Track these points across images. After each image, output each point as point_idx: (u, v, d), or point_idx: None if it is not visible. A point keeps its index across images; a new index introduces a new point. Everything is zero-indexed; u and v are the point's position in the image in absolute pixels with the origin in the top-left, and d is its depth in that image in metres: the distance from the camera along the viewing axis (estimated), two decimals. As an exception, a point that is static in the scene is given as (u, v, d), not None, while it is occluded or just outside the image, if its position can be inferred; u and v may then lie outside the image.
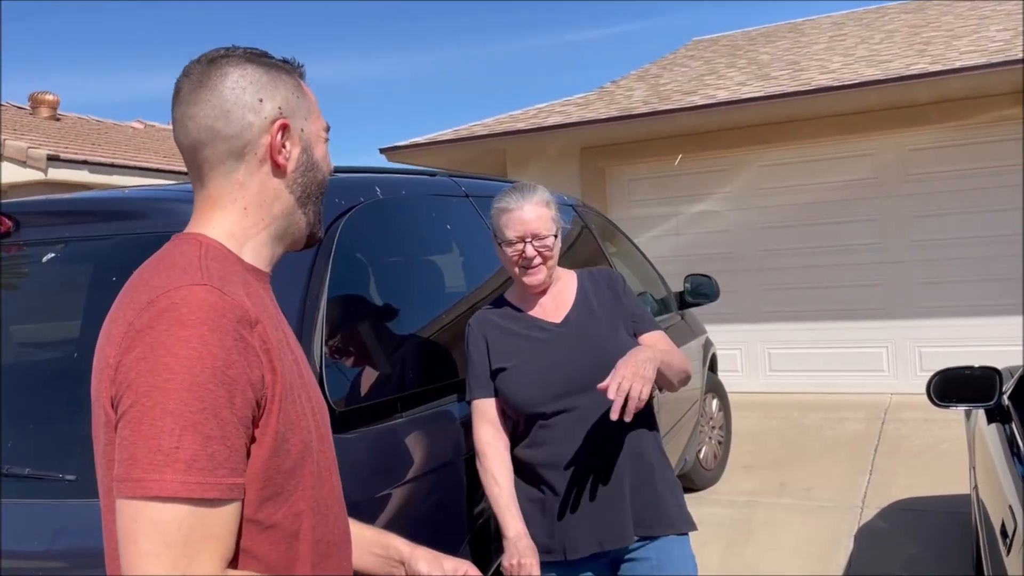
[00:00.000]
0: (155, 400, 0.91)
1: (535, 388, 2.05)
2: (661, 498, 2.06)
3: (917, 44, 7.46)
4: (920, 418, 6.15)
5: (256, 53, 1.13)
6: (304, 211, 1.15)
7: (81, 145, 9.56)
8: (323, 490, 1.10)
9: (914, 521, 4.29)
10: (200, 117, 1.09)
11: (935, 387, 2.72)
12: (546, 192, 2.13)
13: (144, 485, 0.90)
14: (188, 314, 0.94)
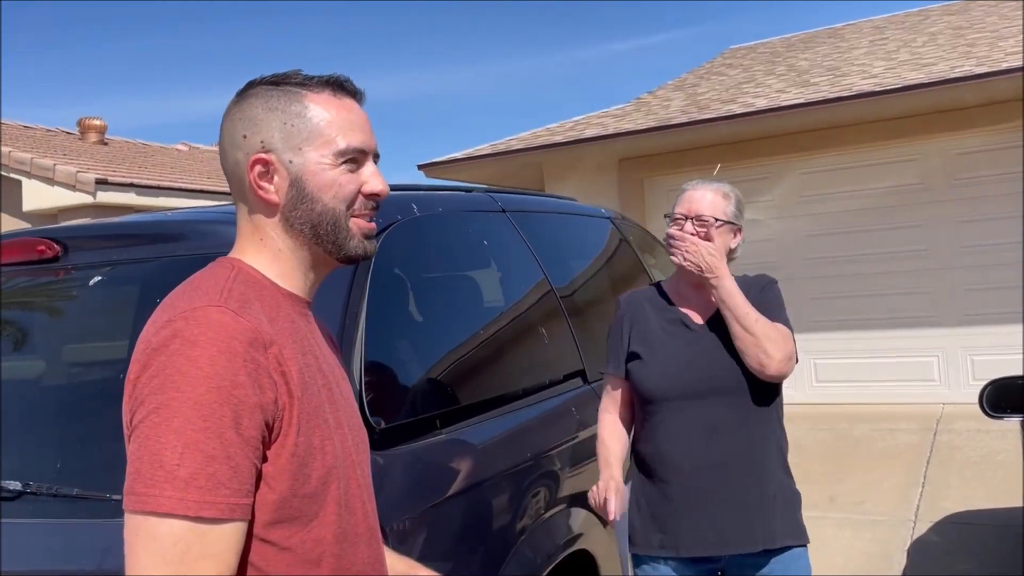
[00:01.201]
0: (162, 417, 0.93)
1: (664, 382, 2.07)
2: (782, 508, 2.05)
3: (961, 46, 7.31)
4: (973, 428, 5.99)
5: (277, 78, 1.11)
6: (317, 242, 1.11)
7: (128, 168, 9.80)
8: (352, 519, 1.09)
9: (968, 535, 4.17)
10: (220, 152, 1.15)
11: (987, 397, 2.65)
12: (734, 189, 2.18)
13: (144, 500, 0.92)
14: (199, 335, 0.96)
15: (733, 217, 2.14)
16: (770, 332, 2.01)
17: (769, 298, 2.13)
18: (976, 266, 6.89)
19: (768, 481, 2.05)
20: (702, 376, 2.05)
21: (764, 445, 2.06)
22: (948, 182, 7.01)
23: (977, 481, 4.96)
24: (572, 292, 3.08)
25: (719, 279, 2.02)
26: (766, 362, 1.98)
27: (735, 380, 2.00)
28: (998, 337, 6.78)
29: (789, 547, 2.05)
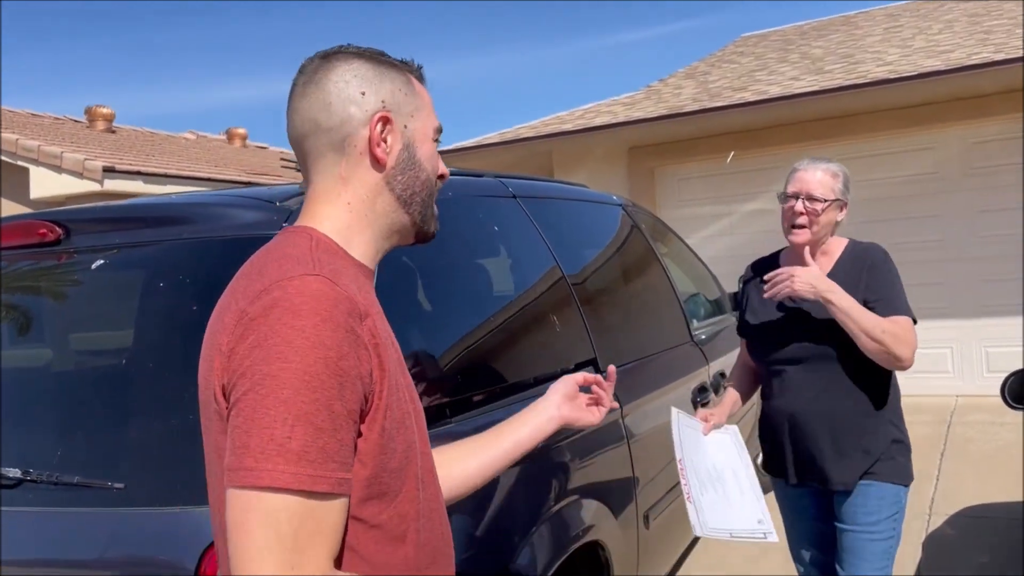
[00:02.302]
0: (269, 389, 0.90)
1: (765, 349, 2.39)
2: (869, 455, 2.28)
3: (978, 33, 7.21)
4: (988, 421, 5.92)
5: (370, 50, 1.14)
6: (407, 210, 1.13)
7: (136, 156, 9.77)
8: (427, 493, 1.09)
9: (984, 529, 4.11)
10: (304, 110, 1.10)
11: (1010, 388, 2.60)
12: (841, 167, 2.34)
13: (257, 474, 0.89)
14: (302, 304, 0.94)
15: (841, 194, 2.30)
16: (894, 335, 2.18)
17: (881, 281, 2.27)
18: (992, 257, 6.81)
19: (856, 433, 2.28)
20: (797, 345, 2.30)
21: (854, 401, 2.28)
22: (964, 171, 6.92)
23: (992, 474, 4.89)
24: (584, 279, 3.03)
25: (832, 293, 2.18)
26: (898, 364, 2.23)
27: (827, 349, 2.25)
28: (1013, 329, 6.70)
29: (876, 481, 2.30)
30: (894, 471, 2.32)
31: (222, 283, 1.71)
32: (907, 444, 2.37)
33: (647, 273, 3.79)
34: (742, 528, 2.12)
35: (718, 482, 2.24)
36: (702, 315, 4.28)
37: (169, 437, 1.56)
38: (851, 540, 2.31)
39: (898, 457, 2.33)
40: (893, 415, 2.36)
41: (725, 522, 2.12)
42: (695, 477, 2.20)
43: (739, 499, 2.21)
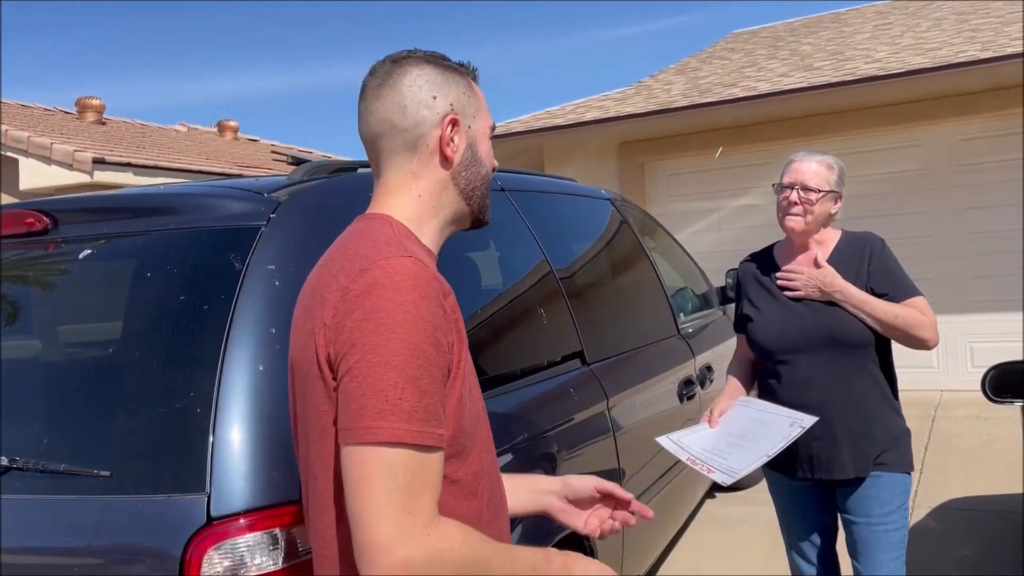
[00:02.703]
0: (380, 357, 1.01)
1: (769, 341, 2.38)
2: (876, 443, 2.29)
3: (966, 31, 7.25)
4: (972, 415, 5.97)
5: (435, 55, 1.25)
6: (469, 202, 1.26)
7: (126, 148, 9.73)
8: (489, 456, 1.22)
9: (967, 522, 4.15)
10: (380, 111, 1.21)
11: (991, 382, 2.63)
12: (836, 160, 2.38)
13: (375, 431, 1.00)
14: (401, 282, 1.05)
15: (835, 186, 2.34)
16: (912, 319, 2.22)
17: (885, 269, 2.31)
18: (978, 253, 6.86)
19: (864, 420, 2.29)
20: (798, 335, 2.32)
21: (861, 388, 2.29)
22: (951, 168, 6.97)
23: (976, 468, 4.95)
24: (572, 273, 3.05)
25: (843, 292, 2.25)
26: (922, 345, 2.27)
27: (827, 337, 2.27)
28: (997, 325, 6.76)
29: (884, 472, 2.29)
30: (902, 459, 2.32)
31: (210, 273, 1.73)
32: (909, 431, 2.38)
33: (635, 267, 3.82)
34: (775, 445, 2.10)
35: (743, 438, 2.21)
36: (689, 309, 4.31)
37: (156, 425, 1.57)
38: (867, 533, 2.29)
39: (904, 444, 2.34)
40: (898, 404, 2.39)
41: (755, 456, 2.11)
42: (711, 455, 2.18)
43: (765, 430, 2.18)
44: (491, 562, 1.08)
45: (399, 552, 0.98)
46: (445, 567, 1.01)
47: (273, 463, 1.52)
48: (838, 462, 2.29)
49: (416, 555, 0.99)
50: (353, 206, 2.04)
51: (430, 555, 1.00)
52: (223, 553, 1.44)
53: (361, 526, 1.00)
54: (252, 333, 1.62)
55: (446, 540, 1.02)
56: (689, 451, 2.23)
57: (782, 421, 2.18)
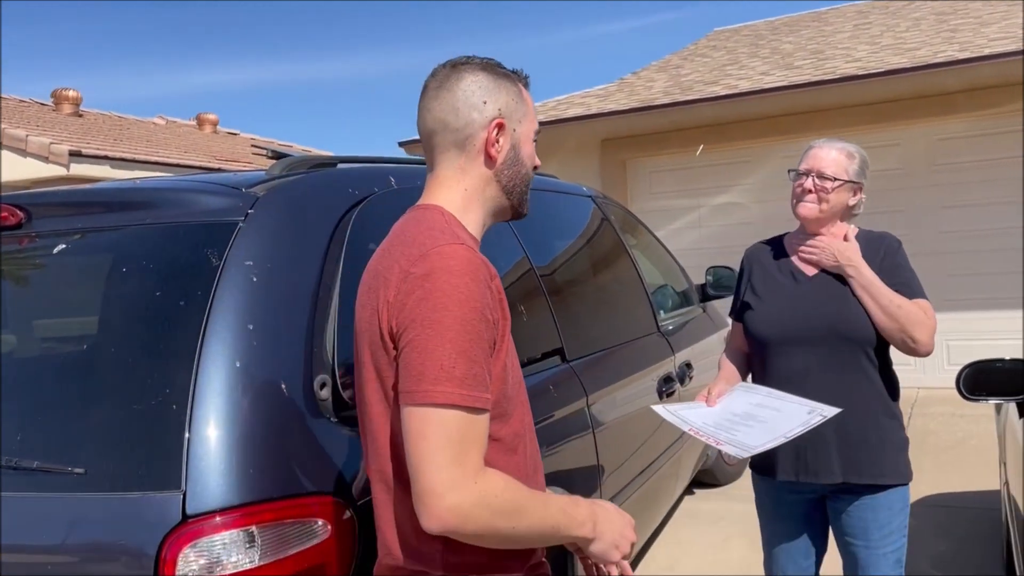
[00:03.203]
0: (437, 331, 1.17)
1: (765, 329, 2.26)
2: (870, 449, 2.15)
3: (944, 31, 7.32)
4: (948, 412, 6.04)
5: (491, 63, 1.39)
6: (509, 197, 1.40)
7: (103, 141, 9.62)
8: (527, 419, 1.39)
9: (943, 518, 4.20)
10: (436, 111, 1.35)
11: (965, 380, 2.65)
12: (859, 148, 2.25)
13: (432, 394, 1.16)
14: (456, 266, 1.20)
15: (855, 176, 2.22)
16: (913, 315, 2.11)
17: (899, 263, 2.21)
18: (956, 252, 6.94)
19: (859, 422, 2.14)
20: (799, 326, 2.20)
21: (859, 389, 2.16)
22: (929, 168, 7.04)
23: (952, 465, 5.00)
24: (552, 271, 3.05)
25: (856, 268, 2.15)
26: (913, 347, 2.12)
27: (829, 330, 2.16)
28: (973, 323, 6.84)
29: (882, 485, 2.15)
30: (898, 470, 2.18)
31: (187, 269, 1.71)
32: (907, 440, 2.25)
33: (615, 264, 3.82)
34: (792, 428, 1.96)
35: (750, 419, 2.07)
36: (669, 306, 4.32)
37: (131, 422, 1.56)
38: (865, 556, 2.18)
39: (902, 455, 2.20)
40: (898, 411, 2.25)
41: (772, 435, 1.97)
42: (716, 429, 2.05)
43: (778, 415, 2.05)
44: (528, 506, 1.23)
45: (450, 497, 1.14)
46: (490, 510, 1.17)
47: (250, 460, 1.51)
48: (826, 466, 2.16)
49: (464, 500, 1.15)
50: (331, 201, 2.03)
51: (476, 500, 1.16)
52: (199, 551, 1.43)
53: (418, 475, 1.16)
54: (229, 329, 1.60)
55: (490, 487, 1.18)
56: (690, 423, 2.11)
57: (799, 408, 2.05)
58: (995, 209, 6.78)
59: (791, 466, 2.21)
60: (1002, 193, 6.74)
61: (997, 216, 6.77)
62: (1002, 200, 6.75)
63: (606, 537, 1.35)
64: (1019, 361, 2.61)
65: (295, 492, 1.55)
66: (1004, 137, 6.72)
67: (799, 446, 2.15)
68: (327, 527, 1.56)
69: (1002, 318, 6.74)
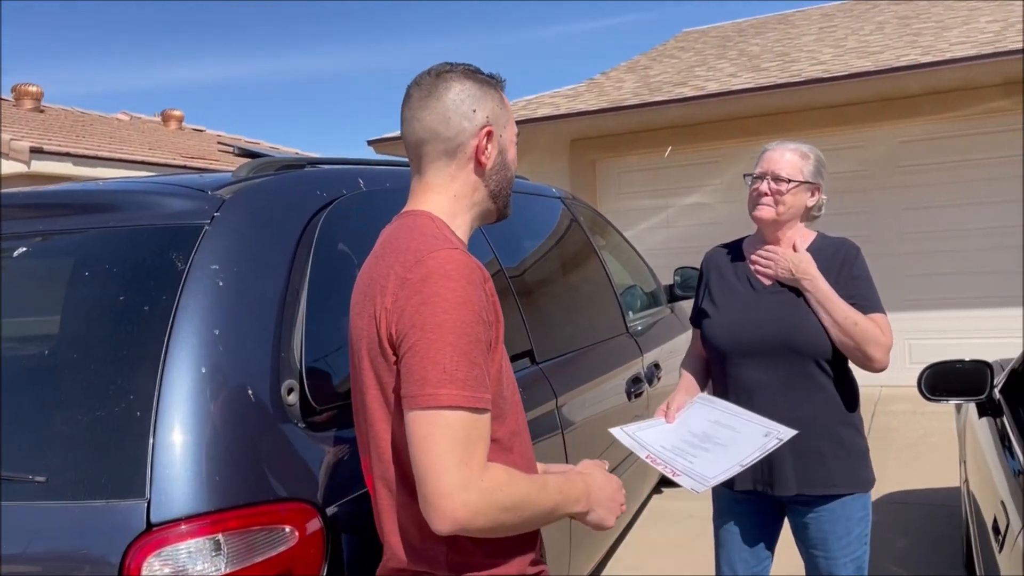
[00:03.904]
0: (438, 335, 1.19)
1: (722, 340, 2.24)
2: (825, 461, 2.14)
3: (907, 35, 7.44)
4: (910, 411, 6.15)
5: (472, 69, 1.41)
6: (495, 201, 1.44)
7: (65, 137, 9.45)
8: (521, 418, 1.42)
9: (904, 514, 4.28)
10: (427, 120, 1.37)
11: (926, 381, 2.69)
12: (814, 149, 2.24)
13: (437, 398, 1.18)
14: (452, 270, 1.22)
15: (811, 176, 2.20)
16: (869, 333, 2.08)
17: (857, 275, 2.17)
18: (916, 252, 7.06)
19: (814, 435, 2.12)
20: (753, 337, 2.18)
21: (812, 401, 2.14)
22: (892, 170, 7.15)
23: (913, 462, 5.09)
24: (522, 272, 3.05)
25: (812, 281, 2.12)
26: (868, 364, 2.10)
27: (784, 343, 2.14)
28: (934, 322, 6.97)
29: (837, 495, 2.15)
30: (856, 478, 2.17)
31: (151, 273, 1.69)
32: (867, 449, 2.23)
33: (584, 265, 3.84)
34: (749, 454, 1.95)
35: (707, 441, 2.05)
36: (638, 307, 4.35)
37: (94, 429, 1.53)
38: (826, 566, 2.18)
39: (861, 463, 2.19)
40: (858, 420, 2.23)
41: (728, 463, 1.94)
42: (673, 455, 2.02)
43: (735, 436, 2.03)
44: (530, 495, 1.27)
45: (460, 496, 1.17)
46: (497, 505, 1.21)
47: (216, 467, 1.49)
48: (781, 478, 2.15)
49: (474, 498, 1.18)
50: (299, 204, 2.02)
51: (484, 496, 1.19)
52: (164, 559, 1.41)
53: (427, 478, 1.18)
54: (195, 334, 1.58)
55: (496, 481, 1.21)
56: (648, 448, 2.06)
57: (755, 430, 2.02)
58: (955, 211, 6.91)
59: (749, 477, 2.18)
60: (962, 195, 6.87)
61: (957, 218, 6.90)
62: (962, 202, 6.88)
63: (600, 507, 1.42)
64: (978, 362, 2.67)
65: (262, 499, 1.53)
66: (964, 140, 6.85)
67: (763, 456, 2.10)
68: (295, 533, 1.55)
69: (962, 317, 6.88)
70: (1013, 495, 2.05)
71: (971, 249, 6.86)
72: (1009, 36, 6.40)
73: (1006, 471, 2.24)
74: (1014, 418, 2.45)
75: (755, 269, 2.23)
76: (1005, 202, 6.74)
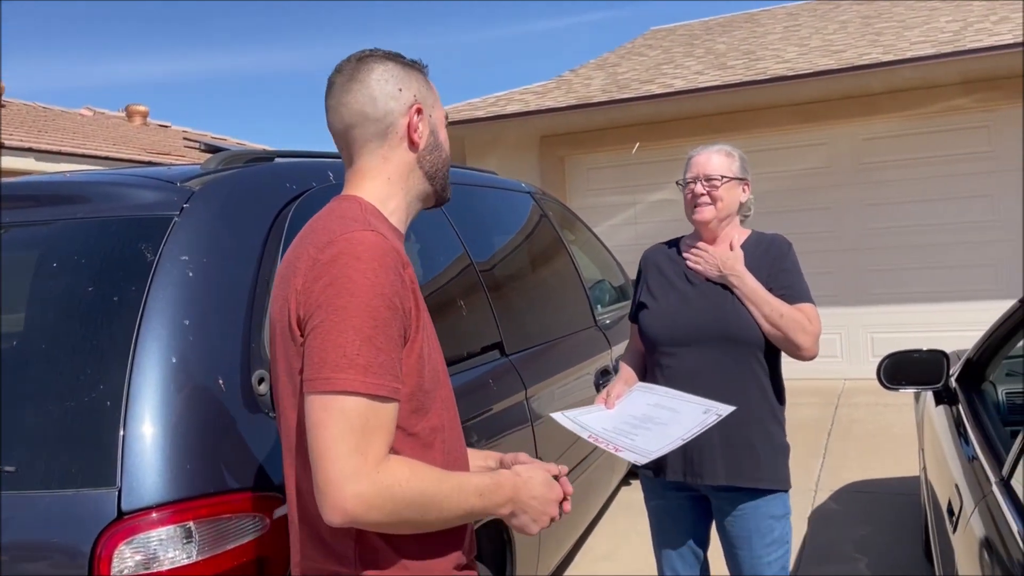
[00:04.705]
0: (341, 317, 1.14)
1: (656, 330, 2.30)
2: (754, 453, 2.20)
3: (869, 35, 7.57)
4: (872, 402, 6.27)
5: (394, 53, 1.38)
6: (432, 182, 1.39)
7: (27, 132, 9.29)
8: (449, 413, 1.36)
9: (866, 503, 4.37)
10: (352, 104, 1.33)
11: (885, 370, 2.76)
12: (735, 148, 2.35)
13: (333, 382, 1.12)
14: (363, 252, 1.17)
15: (739, 172, 2.31)
16: (796, 322, 2.16)
17: (786, 267, 2.26)
18: (878, 248, 7.19)
19: (744, 425, 2.18)
20: (689, 326, 2.25)
21: (745, 392, 2.20)
22: (854, 166, 7.28)
23: (875, 452, 5.20)
24: (492, 266, 3.08)
25: (739, 278, 2.21)
26: (797, 353, 2.18)
27: (719, 332, 2.21)
28: (897, 316, 7.11)
29: (763, 490, 2.20)
30: (778, 476, 2.23)
31: (120, 264, 1.69)
32: (788, 447, 2.29)
33: (554, 260, 3.87)
34: (690, 430, 1.97)
35: (648, 422, 2.08)
36: (607, 301, 4.40)
37: (64, 419, 1.53)
38: (749, 566, 2.24)
39: (782, 461, 2.25)
40: (783, 417, 2.30)
41: (669, 438, 1.96)
42: (615, 435, 2.05)
43: (675, 416, 2.06)
44: (438, 494, 1.19)
45: (350, 487, 1.11)
46: (394, 500, 1.14)
47: (187, 456, 1.51)
48: (710, 467, 2.20)
49: (366, 490, 1.11)
50: (268, 197, 2.03)
51: (378, 490, 1.12)
52: (135, 548, 1.42)
53: (318, 466, 1.12)
54: (164, 325, 1.59)
55: (393, 475, 1.14)
56: (589, 429, 2.09)
57: (694, 408, 2.06)
58: (917, 206, 7.05)
59: (679, 467, 2.24)
60: (922, 191, 7.02)
61: (919, 213, 7.04)
62: (922, 198, 7.03)
63: (525, 514, 1.35)
64: (935, 352, 2.74)
65: (233, 487, 1.55)
66: (925, 137, 6.99)
67: (687, 447, 2.15)
68: (265, 521, 1.57)
69: (922, 311, 7.02)
70: (967, 478, 2.12)
71: (933, 244, 7.01)
72: (968, 36, 6.54)
73: (960, 457, 2.31)
74: (968, 406, 2.52)
75: (688, 266, 2.32)
76: (967, 198, 6.89)
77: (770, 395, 2.25)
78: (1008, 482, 1.78)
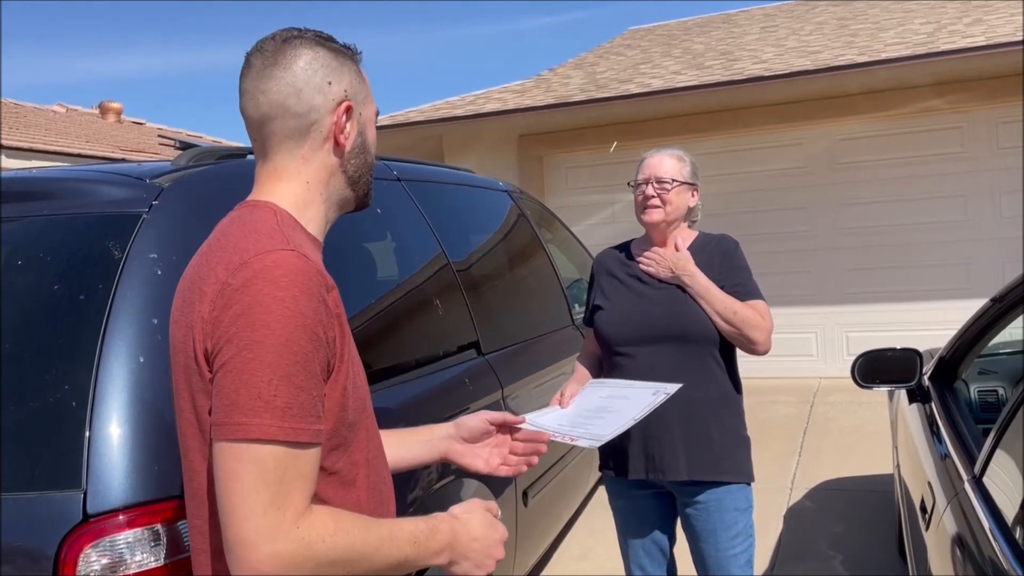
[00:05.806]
0: (255, 353, 1.00)
1: (613, 330, 2.32)
2: (714, 447, 2.24)
3: (845, 36, 7.63)
4: (847, 401, 6.32)
5: (324, 37, 1.21)
6: (354, 188, 1.24)
7: (-2, 128, 9.14)
8: (373, 442, 1.22)
9: (841, 500, 4.40)
10: (273, 93, 1.16)
11: (859, 368, 2.78)
12: (687, 153, 2.39)
13: (246, 428, 0.99)
14: (281, 276, 1.03)
15: (689, 177, 2.35)
16: (748, 319, 2.21)
17: (736, 265, 2.31)
18: (854, 247, 7.25)
19: (703, 420, 2.23)
20: (645, 325, 2.28)
21: (702, 388, 2.24)
22: (830, 167, 7.34)
23: (849, 450, 5.24)
24: (469, 265, 3.06)
25: (691, 277, 2.25)
26: (752, 348, 2.23)
27: (674, 330, 2.24)
28: (871, 315, 7.17)
29: (724, 482, 2.24)
30: (741, 469, 2.27)
31: (87, 262, 1.66)
32: (749, 440, 2.34)
33: (531, 259, 3.86)
34: (641, 411, 1.99)
35: (602, 412, 2.10)
36: (584, 300, 4.39)
37: (28, 420, 1.50)
38: (715, 561, 2.27)
39: (744, 454, 2.30)
40: (742, 411, 2.34)
41: (620, 422, 1.98)
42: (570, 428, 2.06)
43: (626, 403, 2.07)
44: (366, 547, 1.06)
45: (265, 547, 0.97)
46: (316, 559, 1.01)
47: (154, 458, 1.48)
48: (672, 463, 2.23)
49: (284, 549, 0.98)
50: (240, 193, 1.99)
51: (299, 548, 0.99)
52: (101, 551, 1.40)
53: (229, 523, 0.99)
54: (132, 324, 1.56)
55: (316, 531, 1.01)
56: (545, 428, 2.05)
57: (644, 392, 2.08)
58: (892, 206, 7.12)
59: (641, 464, 2.27)
60: (897, 191, 7.08)
61: (894, 213, 7.11)
62: (897, 198, 7.09)
63: (467, 560, 1.22)
64: (908, 350, 2.76)
65: (203, 488, 1.52)
66: (899, 138, 7.06)
67: (648, 444, 2.24)
68: (236, 523, 1.54)
69: (896, 310, 7.08)
70: (939, 476, 2.13)
71: (908, 244, 7.08)
72: (942, 38, 6.61)
73: (933, 454, 2.33)
74: (941, 404, 2.54)
75: (641, 269, 2.35)
76: (941, 198, 6.97)
77: (727, 390, 2.30)
78: (980, 479, 1.79)
